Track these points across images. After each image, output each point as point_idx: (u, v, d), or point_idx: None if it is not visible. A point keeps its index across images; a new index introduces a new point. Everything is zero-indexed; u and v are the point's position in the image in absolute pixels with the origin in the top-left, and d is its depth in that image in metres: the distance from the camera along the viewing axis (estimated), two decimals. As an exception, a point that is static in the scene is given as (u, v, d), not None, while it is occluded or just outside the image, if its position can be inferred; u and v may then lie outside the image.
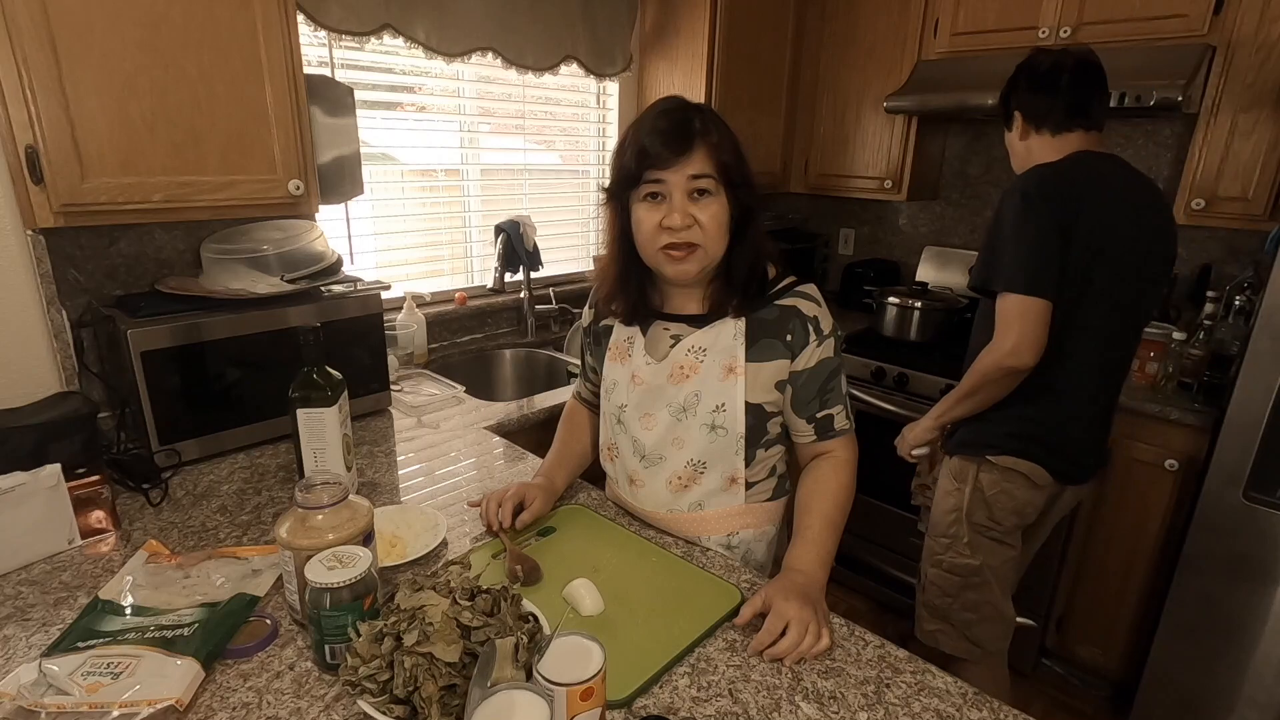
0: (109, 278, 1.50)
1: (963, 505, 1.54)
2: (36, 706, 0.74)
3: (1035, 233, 1.35)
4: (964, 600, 1.59)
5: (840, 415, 1.11)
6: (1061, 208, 1.36)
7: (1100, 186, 1.39)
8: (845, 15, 2.53)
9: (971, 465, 1.53)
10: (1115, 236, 1.38)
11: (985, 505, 1.52)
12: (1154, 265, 1.46)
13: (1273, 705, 1.69)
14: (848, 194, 2.70)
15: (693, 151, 0.96)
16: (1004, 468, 1.49)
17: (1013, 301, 1.36)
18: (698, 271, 1.03)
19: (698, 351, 1.07)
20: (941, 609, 1.63)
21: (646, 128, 0.98)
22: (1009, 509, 1.51)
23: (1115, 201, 1.39)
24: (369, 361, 1.62)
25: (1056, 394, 1.45)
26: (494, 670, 0.69)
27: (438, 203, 2.23)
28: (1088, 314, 1.40)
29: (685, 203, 0.98)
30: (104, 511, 1.13)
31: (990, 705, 0.83)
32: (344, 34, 1.76)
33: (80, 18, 1.13)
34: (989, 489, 1.51)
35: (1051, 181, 1.38)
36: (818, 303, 1.08)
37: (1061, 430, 1.48)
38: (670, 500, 1.14)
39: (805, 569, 1.01)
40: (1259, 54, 1.79)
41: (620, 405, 1.15)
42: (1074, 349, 1.42)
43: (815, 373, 1.07)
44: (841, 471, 1.10)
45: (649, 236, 1.01)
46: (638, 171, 0.98)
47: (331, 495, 0.88)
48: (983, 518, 1.53)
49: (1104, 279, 1.39)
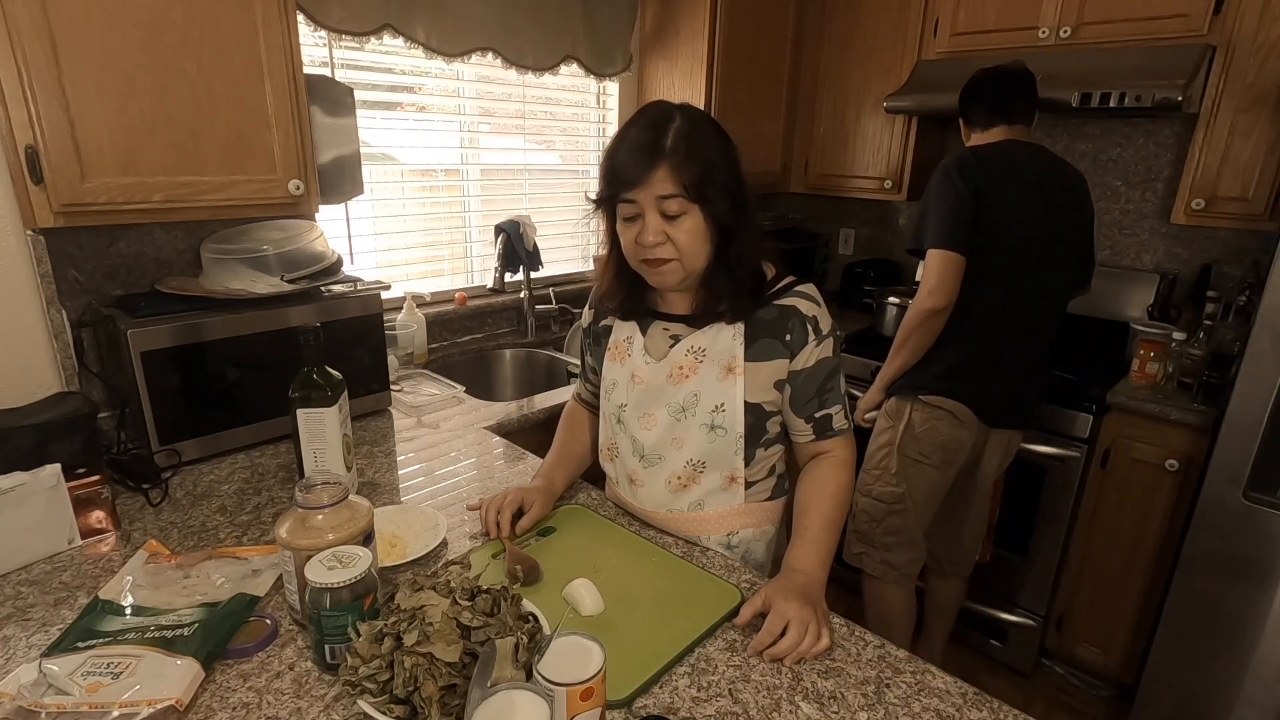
0: (109, 278, 1.50)
1: (895, 440, 1.78)
2: (36, 706, 0.74)
3: (951, 199, 1.62)
4: (886, 525, 1.84)
5: (839, 415, 1.11)
6: (973, 178, 1.62)
7: (1015, 166, 1.66)
8: (845, 15, 2.53)
9: (906, 404, 1.77)
10: (1018, 211, 1.64)
11: (915, 440, 1.76)
12: (1068, 240, 1.72)
13: (1272, 705, 1.69)
14: (848, 194, 2.70)
15: (656, 171, 0.95)
16: (933, 405, 1.72)
17: (932, 255, 1.63)
18: (677, 282, 1.04)
19: (697, 352, 1.08)
20: (866, 533, 1.88)
21: (620, 143, 0.99)
22: (936, 443, 1.74)
23: (1027, 178, 1.66)
24: (369, 361, 1.62)
25: (973, 341, 1.69)
26: (494, 670, 0.69)
27: (438, 203, 2.23)
28: (998, 272, 1.65)
29: (658, 221, 0.97)
30: (104, 511, 1.13)
31: (990, 705, 0.83)
32: (344, 34, 1.76)
33: (80, 18, 1.13)
34: (919, 425, 1.75)
35: (967, 159, 1.66)
36: (817, 302, 1.08)
37: (982, 374, 1.71)
38: (670, 500, 1.14)
39: (805, 569, 1.01)
40: (1259, 54, 1.79)
41: (620, 405, 1.15)
42: (987, 302, 1.66)
43: (814, 372, 1.07)
44: (840, 471, 1.11)
45: (629, 251, 1.03)
46: (610, 193, 1.00)
47: (331, 495, 0.88)
48: (913, 450, 1.76)
49: (1014, 243, 1.64)
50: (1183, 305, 2.17)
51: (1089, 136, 2.36)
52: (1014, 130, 1.72)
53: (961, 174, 1.62)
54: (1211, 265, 2.14)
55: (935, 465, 1.76)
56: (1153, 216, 2.28)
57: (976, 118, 1.76)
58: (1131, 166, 2.30)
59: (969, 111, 1.78)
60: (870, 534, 1.86)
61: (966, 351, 1.69)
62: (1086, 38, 2.02)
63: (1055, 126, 2.41)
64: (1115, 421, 1.92)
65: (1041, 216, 1.65)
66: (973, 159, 1.66)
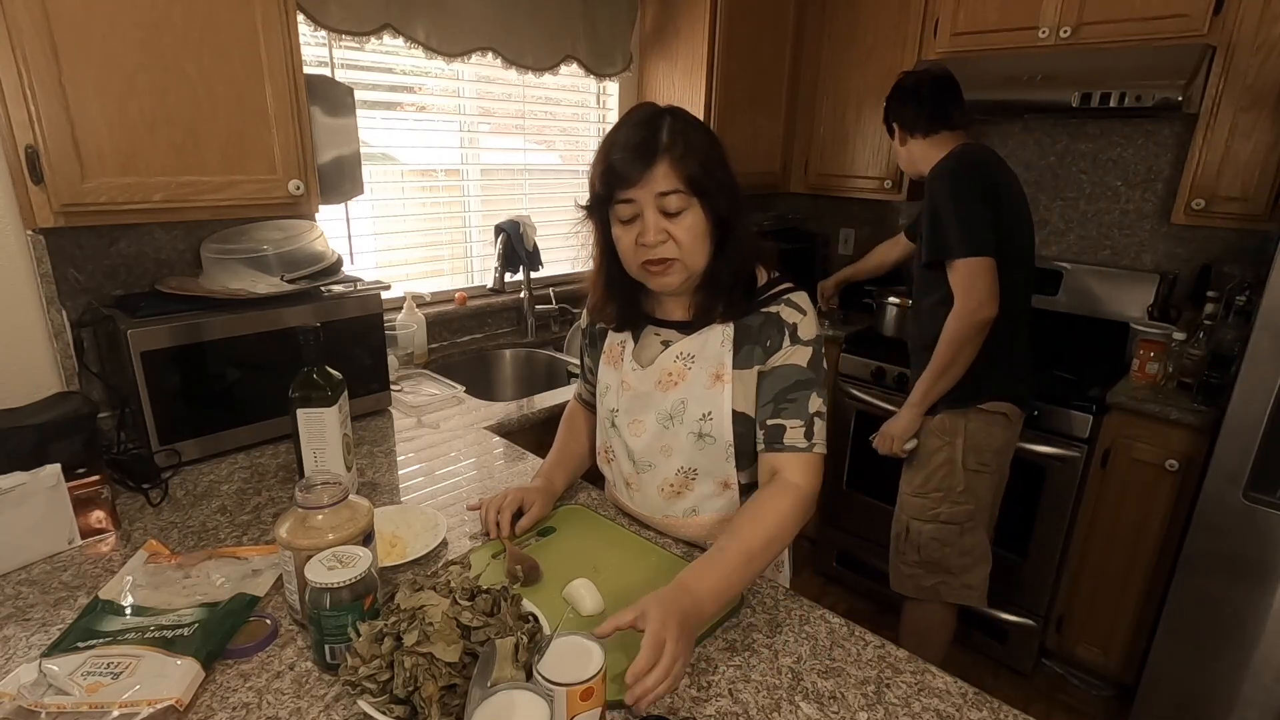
0: (109, 278, 1.50)
1: (956, 456, 1.72)
2: (36, 706, 0.74)
3: (968, 202, 1.59)
4: (960, 546, 1.77)
5: (795, 430, 1.01)
6: (983, 177, 1.62)
7: (999, 166, 1.69)
8: (845, 15, 2.53)
9: (960, 418, 1.71)
10: (1016, 206, 1.68)
11: (975, 450, 1.71)
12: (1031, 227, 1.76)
13: (1272, 705, 1.69)
14: (847, 194, 2.70)
15: (655, 168, 0.93)
16: (989, 412, 1.70)
17: (968, 264, 1.58)
18: (680, 283, 1.01)
19: (686, 358, 1.06)
20: (940, 561, 1.79)
21: (612, 144, 0.97)
22: (994, 449, 1.72)
23: (1009, 178, 1.69)
24: (369, 361, 1.62)
25: (1004, 339, 1.66)
26: (494, 670, 0.69)
27: (438, 203, 2.23)
28: (1013, 267, 1.64)
29: (658, 219, 0.95)
30: (104, 511, 1.13)
31: (990, 705, 0.83)
32: (344, 34, 1.76)
33: (80, 18, 1.13)
34: (978, 434, 1.71)
35: (968, 158, 1.65)
36: (802, 311, 1.04)
37: (1016, 368, 1.72)
38: (664, 506, 1.14)
39: (698, 594, 0.86)
40: (1259, 54, 1.79)
41: (612, 409, 1.14)
42: (1008, 298, 1.62)
43: (779, 375, 1.02)
44: (782, 498, 0.97)
45: (628, 255, 1.00)
46: (607, 193, 0.97)
47: (331, 495, 0.88)
48: (973, 462, 1.72)
49: (1019, 235, 1.68)
50: (1183, 305, 2.17)
51: (1089, 136, 2.36)
52: (957, 135, 1.73)
53: (970, 175, 1.62)
54: (1211, 265, 2.14)
55: (994, 471, 1.74)
56: (1153, 216, 2.28)
57: (917, 124, 1.75)
58: (1131, 166, 2.30)
59: (905, 116, 1.76)
60: (945, 560, 1.79)
61: (1002, 351, 1.67)
62: (1086, 38, 2.02)
63: (1055, 126, 2.41)
64: (1115, 421, 1.92)
65: (1026, 207, 1.71)
66: (971, 157, 1.66)
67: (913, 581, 1.84)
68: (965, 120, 1.76)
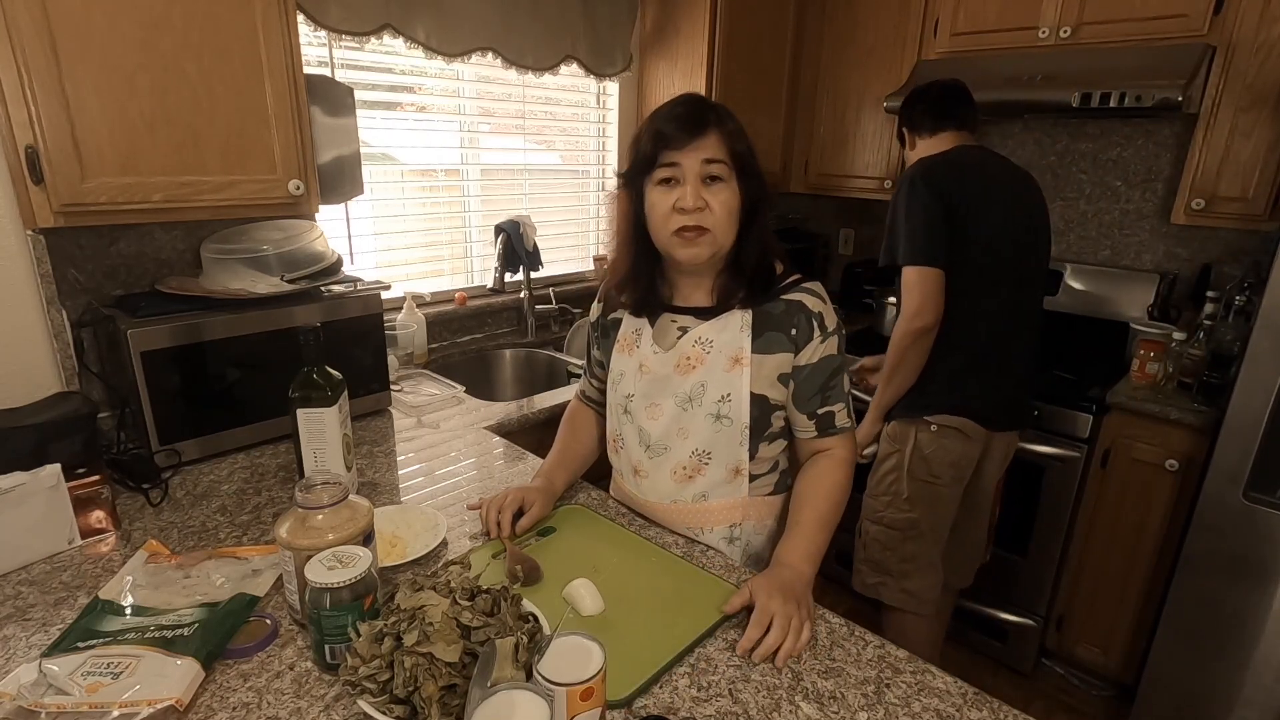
0: (109, 278, 1.50)
1: (903, 464, 1.72)
2: (36, 706, 0.74)
3: (922, 211, 1.59)
4: (902, 553, 1.77)
5: (841, 413, 1.12)
6: (943, 188, 1.60)
7: (977, 170, 1.66)
8: (845, 15, 2.53)
9: (910, 428, 1.71)
10: (993, 213, 1.62)
11: (925, 461, 1.70)
12: (1038, 236, 1.71)
13: (1272, 705, 1.69)
14: (848, 194, 2.70)
15: (707, 135, 0.99)
16: (940, 425, 1.67)
17: (910, 273, 1.60)
18: (708, 256, 1.04)
19: (704, 343, 1.09)
20: (881, 562, 1.81)
21: (663, 114, 1.02)
22: (947, 462, 1.69)
23: (991, 183, 1.65)
24: (369, 361, 1.62)
25: (965, 352, 1.66)
26: (494, 670, 0.69)
27: (438, 203, 2.23)
28: (980, 277, 1.63)
29: (699, 186, 1.00)
30: (104, 511, 1.13)
31: (990, 705, 0.83)
32: (344, 34, 1.76)
33: (80, 18, 1.13)
34: (927, 446, 1.69)
35: (933, 168, 1.64)
36: (823, 299, 1.09)
37: (980, 383, 1.68)
38: (674, 491, 1.15)
39: (793, 563, 1.01)
40: (1259, 54, 1.79)
41: (627, 395, 1.16)
42: (973, 309, 1.63)
43: (818, 368, 1.08)
44: (839, 470, 1.11)
45: (662, 219, 1.03)
46: (653, 153, 1.01)
47: (331, 495, 0.88)
48: (923, 473, 1.71)
49: (992, 246, 1.62)
50: (1183, 305, 2.18)
51: (1089, 136, 2.36)
52: (962, 135, 1.73)
53: (927, 184, 1.60)
54: (1211, 265, 2.14)
55: (947, 484, 1.72)
56: (1153, 216, 2.28)
57: (922, 122, 1.77)
58: (1131, 166, 2.30)
59: (915, 119, 1.78)
60: (885, 562, 1.80)
61: (962, 363, 1.66)
62: (1086, 38, 2.02)
63: (1055, 126, 2.41)
64: (1115, 421, 1.92)
65: (1012, 215, 1.65)
66: (937, 166, 1.65)
67: (859, 578, 1.87)
68: (971, 121, 1.74)
